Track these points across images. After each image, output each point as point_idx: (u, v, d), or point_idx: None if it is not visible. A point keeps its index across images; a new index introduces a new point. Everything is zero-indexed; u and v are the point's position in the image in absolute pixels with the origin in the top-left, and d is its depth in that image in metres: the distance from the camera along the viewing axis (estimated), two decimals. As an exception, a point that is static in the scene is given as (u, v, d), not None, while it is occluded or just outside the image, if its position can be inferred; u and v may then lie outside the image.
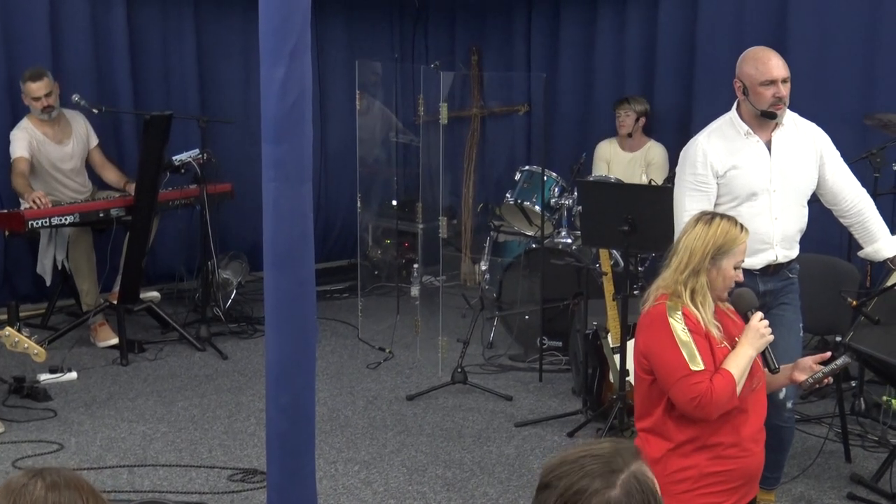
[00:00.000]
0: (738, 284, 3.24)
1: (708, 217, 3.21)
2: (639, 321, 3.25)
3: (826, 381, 3.32)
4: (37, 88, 6.10)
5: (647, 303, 3.21)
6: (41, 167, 6.22)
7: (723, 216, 3.23)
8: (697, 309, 3.12)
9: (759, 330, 3.15)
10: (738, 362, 3.08)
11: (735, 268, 3.18)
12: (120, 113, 6.84)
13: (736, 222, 3.21)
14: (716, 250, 3.14)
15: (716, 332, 3.13)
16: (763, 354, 3.21)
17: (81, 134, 6.42)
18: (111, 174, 6.49)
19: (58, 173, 6.29)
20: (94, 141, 6.50)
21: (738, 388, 3.06)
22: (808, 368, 3.32)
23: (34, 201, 5.85)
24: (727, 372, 3.05)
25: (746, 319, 3.22)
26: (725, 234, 3.15)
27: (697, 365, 3.02)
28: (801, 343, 3.99)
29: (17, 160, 6.11)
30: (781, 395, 3.83)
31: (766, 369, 3.29)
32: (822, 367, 3.30)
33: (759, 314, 3.21)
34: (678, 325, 3.06)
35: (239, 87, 7.78)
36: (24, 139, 6.15)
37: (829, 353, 3.40)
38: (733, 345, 3.16)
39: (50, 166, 6.25)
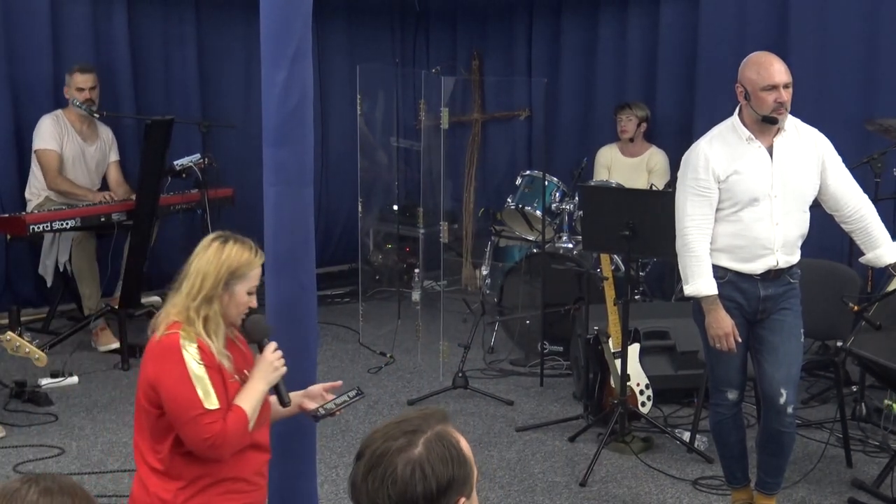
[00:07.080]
0: (251, 311, 2.99)
1: (222, 239, 2.95)
2: (147, 349, 2.94)
3: (338, 412, 3.14)
4: (84, 80, 6.21)
5: (158, 330, 2.92)
6: (62, 160, 6.24)
7: (237, 239, 2.97)
8: (211, 339, 2.89)
9: (272, 363, 2.96)
10: (251, 398, 2.91)
11: (248, 293, 2.95)
12: (121, 117, 6.84)
13: (251, 246, 2.97)
14: (229, 275, 2.90)
15: (227, 365, 2.92)
16: (276, 387, 3.00)
17: (106, 143, 6.49)
18: (123, 194, 6.45)
19: (75, 170, 6.30)
20: (115, 156, 6.55)
21: (251, 425, 2.90)
22: (318, 396, 3.16)
23: (109, 198, 6.14)
24: (240, 409, 2.88)
25: (260, 348, 3.00)
26: (240, 257, 2.91)
27: (212, 403, 2.82)
28: (801, 348, 3.99)
29: (48, 154, 6.15)
30: (782, 399, 3.83)
31: (276, 398, 3.06)
32: (333, 396, 3.15)
33: (273, 344, 3.00)
34: (192, 360, 2.83)
35: (240, 91, 7.77)
36: (54, 129, 6.20)
37: (339, 382, 3.24)
38: (243, 378, 2.97)
39: (70, 162, 6.28)
